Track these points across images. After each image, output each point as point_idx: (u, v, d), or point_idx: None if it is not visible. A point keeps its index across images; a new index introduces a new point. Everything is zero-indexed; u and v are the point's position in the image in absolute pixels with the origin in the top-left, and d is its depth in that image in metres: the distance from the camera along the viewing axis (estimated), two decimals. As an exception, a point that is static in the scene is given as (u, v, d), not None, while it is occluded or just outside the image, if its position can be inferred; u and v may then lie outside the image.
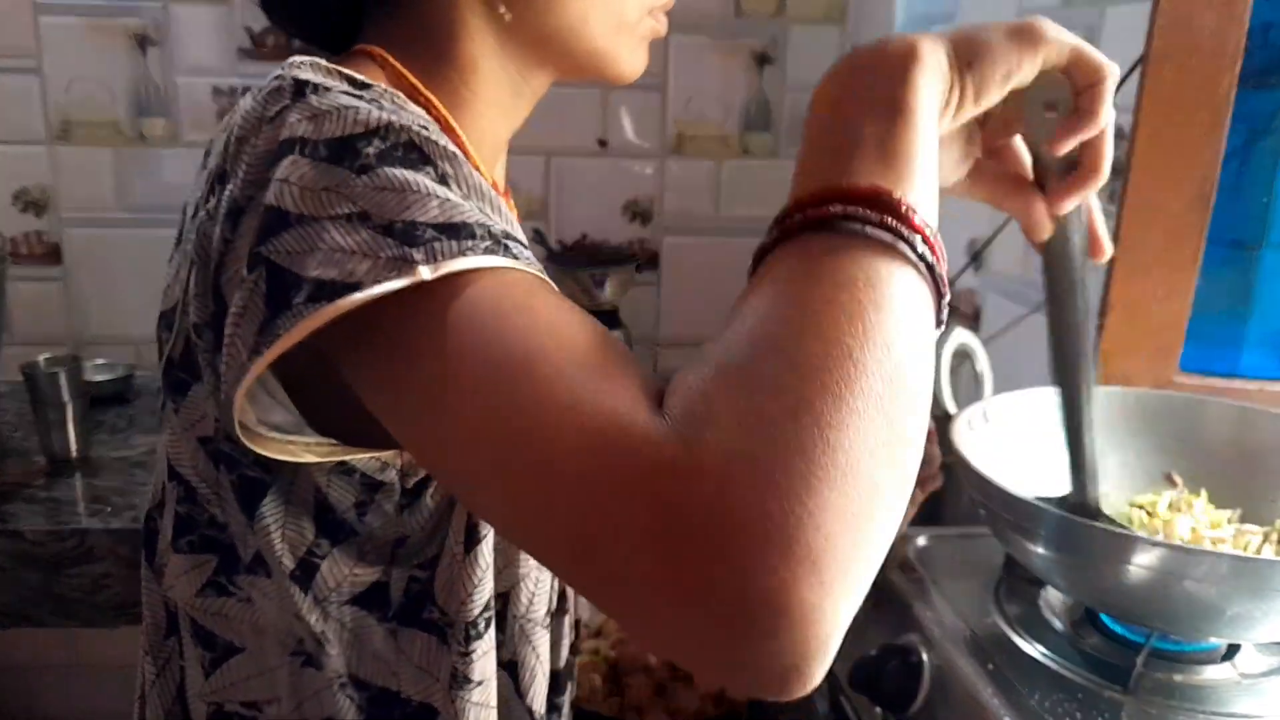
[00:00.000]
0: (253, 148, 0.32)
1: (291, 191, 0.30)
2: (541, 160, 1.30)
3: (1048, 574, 0.50)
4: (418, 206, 0.29)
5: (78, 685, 1.30)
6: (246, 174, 0.32)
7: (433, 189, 0.30)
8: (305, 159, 0.30)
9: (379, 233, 0.29)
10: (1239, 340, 0.74)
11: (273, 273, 0.29)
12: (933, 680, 0.49)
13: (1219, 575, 0.42)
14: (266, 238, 0.30)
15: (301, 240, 0.29)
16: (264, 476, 0.36)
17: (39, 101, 1.20)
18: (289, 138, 0.31)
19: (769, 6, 1.26)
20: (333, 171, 0.30)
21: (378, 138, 0.31)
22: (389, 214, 0.29)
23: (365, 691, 0.39)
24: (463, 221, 0.29)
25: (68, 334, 1.25)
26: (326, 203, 0.29)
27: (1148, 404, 0.61)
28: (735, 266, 1.53)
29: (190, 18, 1.20)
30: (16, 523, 0.87)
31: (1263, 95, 0.70)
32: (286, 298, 0.29)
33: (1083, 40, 0.36)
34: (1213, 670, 0.49)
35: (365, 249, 0.28)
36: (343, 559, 0.36)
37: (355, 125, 0.31)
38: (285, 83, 0.33)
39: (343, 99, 0.32)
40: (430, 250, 0.28)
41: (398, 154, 0.30)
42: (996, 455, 0.53)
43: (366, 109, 0.31)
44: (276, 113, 0.32)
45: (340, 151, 0.30)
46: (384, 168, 0.30)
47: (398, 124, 0.31)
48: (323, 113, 0.31)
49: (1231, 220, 0.71)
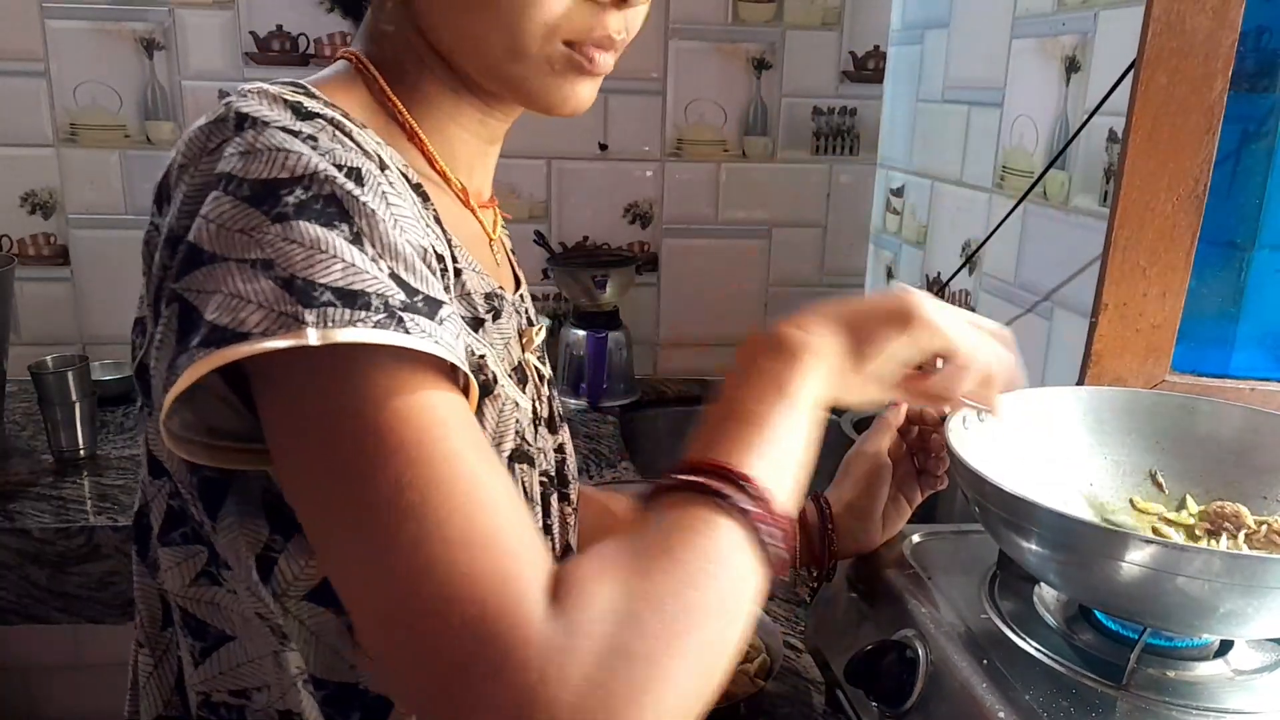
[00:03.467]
0: (191, 177, 0.33)
1: (209, 229, 0.31)
2: (543, 164, 1.31)
3: (1041, 571, 0.50)
4: (321, 266, 0.30)
5: (81, 684, 1.31)
6: (183, 204, 0.33)
7: (341, 249, 0.31)
8: (228, 197, 0.31)
9: (278, 285, 0.30)
10: (1231, 340, 0.74)
11: (183, 309, 0.31)
12: (928, 675, 0.49)
13: (1212, 572, 0.42)
14: (182, 273, 0.31)
15: (209, 279, 0.30)
16: (221, 477, 0.36)
17: (46, 104, 1.21)
18: (220, 172, 0.32)
19: (766, 13, 1.27)
20: (249, 215, 0.31)
21: (300, 186, 0.31)
22: (292, 268, 0.30)
23: (324, 689, 0.39)
24: (361, 290, 0.30)
25: (75, 334, 1.26)
26: (237, 245, 0.30)
27: (1140, 403, 0.61)
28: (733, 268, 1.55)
29: (196, 22, 1.21)
30: (24, 520, 0.88)
31: (1255, 98, 0.71)
32: (187, 339, 0.30)
33: (959, 327, 0.43)
34: (1205, 666, 0.49)
35: (261, 299, 0.29)
36: (296, 553, 0.37)
37: (281, 170, 0.31)
38: (229, 114, 0.34)
39: (278, 138, 0.32)
40: (322, 314, 0.29)
41: (316, 206, 0.31)
42: (990, 453, 0.53)
43: (298, 153, 0.32)
44: (216, 145, 0.33)
45: (261, 195, 0.31)
46: (299, 220, 0.31)
47: (323, 174, 0.32)
48: (254, 151, 0.32)
49: (1224, 222, 0.72)
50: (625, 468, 1.09)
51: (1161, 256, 0.69)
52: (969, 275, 1.07)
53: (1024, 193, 0.92)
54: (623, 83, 1.27)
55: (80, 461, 1.00)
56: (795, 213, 1.37)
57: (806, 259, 1.39)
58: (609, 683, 0.27)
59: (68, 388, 0.98)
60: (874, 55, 1.31)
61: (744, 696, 0.63)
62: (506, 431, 0.41)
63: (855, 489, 0.60)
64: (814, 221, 1.37)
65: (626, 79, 1.27)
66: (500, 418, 0.41)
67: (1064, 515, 0.46)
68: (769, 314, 1.40)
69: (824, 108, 1.32)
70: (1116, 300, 0.70)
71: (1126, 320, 0.70)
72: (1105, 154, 0.81)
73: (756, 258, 1.37)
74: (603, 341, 1.25)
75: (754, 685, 0.65)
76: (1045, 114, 0.92)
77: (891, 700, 0.50)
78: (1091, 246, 0.79)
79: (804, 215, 1.37)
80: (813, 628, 0.68)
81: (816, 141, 1.34)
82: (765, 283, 1.39)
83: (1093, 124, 0.82)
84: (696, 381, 1.39)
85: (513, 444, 0.42)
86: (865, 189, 1.37)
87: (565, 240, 1.35)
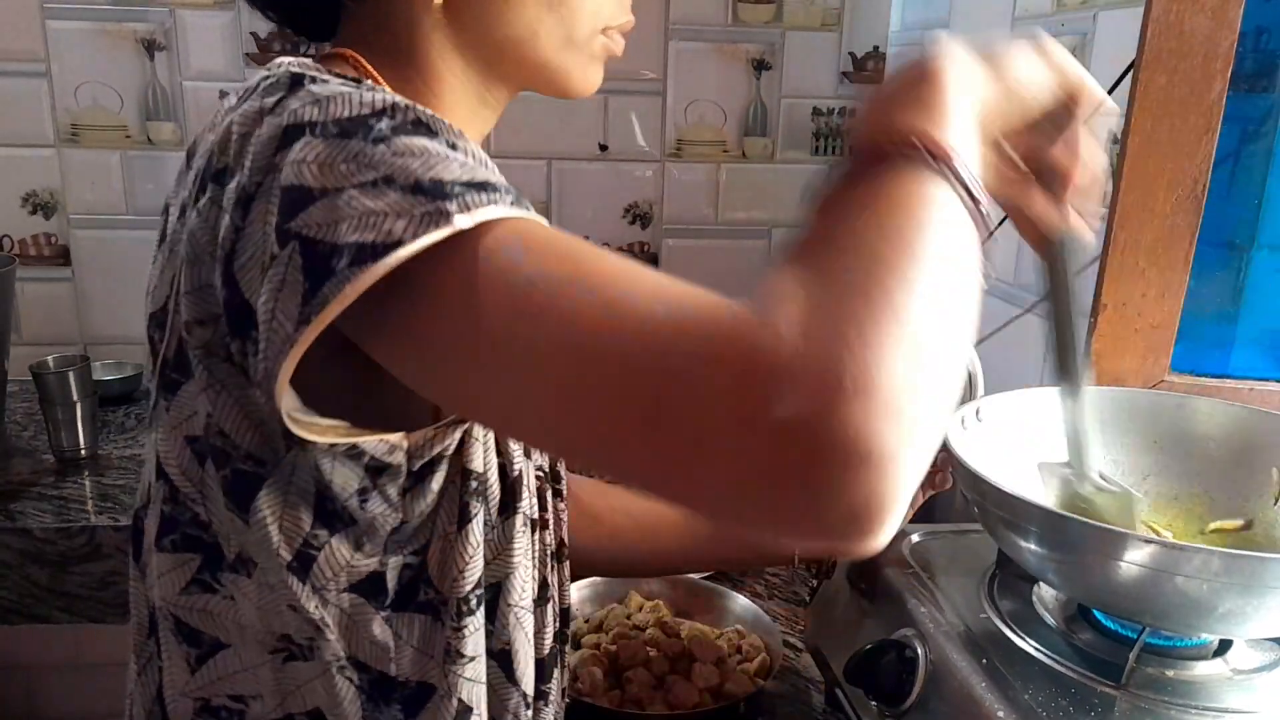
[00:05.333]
0: (257, 138, 0.33)
1: (310, 169, 0.31)
2: (543, 165, 1.31)
3: (1040, 570, 0.50)
4: (441, 166, 0.30)
5: (82, 684, 1.31)
6: (253, 162, 0.32)
7: (449, 153, 0.31)
8: (318, 139, 0.31)
9: (408, 192, 0.30)
10: (1230, 340, 0.74)
11: (306, 246, 0.30)
12: (927, 675, 0.49)
13: (1211, 571, 0.42)
14: (293, 214, 0.30)
15: (330, 211, 0.30)
16: (258, 470, 0.36)
17: (48, 105, 1.21)
18: (295, 123, 0.32)
19: (766, 14, 1.28)
20: (348, 145, 0.31)
21: (386, 116, 0.32)
22: (414, 175, 0.30)
23: (366, 674, 0.39)
24: (485, 180, 0.31)
25: (76, 334, 1.26)
26: (348, 173, 0.30)
27: (1139, 403, 0.61)
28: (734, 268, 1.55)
29: (197, 23, 1.21)
30: (25, 520, 0.88)
31: (1254, 99, 0.71)
32: (328, 266, 0.29)
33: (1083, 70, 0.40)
34: (1205, 666, 0.49)
35: (398, 209, 0.29)
36: (340, 548, 0.37)
37: (362, 106, 0.32)
38: (280, 76, 0.34)
39: (342, 88, 0.33)
40: (463, 201, 0.29)
41: (409, 127, 0.31)
42: (989, 453, 0.53)
43: (368, 93, 0.32)
44: (276, 102, 0.33)
45: (352, 128, 0.31)
46: (399, 137, 0.31)
47: (402, 103, 0.32)
48: (326, 98, 0.32)
49: (1223, 222, 0.72)
50: (625, 468, 1.08)
51: (1160, 256, 0.69)
52: (969, 275, 1.07)
53: (1023, 193, 0.92)
54: (623, 83, 1.27)
55: (81, 461, 1.00)
56: (795, 213, 1.37)
57: (806, 259, 1.39)
58: (835, 314, 0.26)
59: (69, 388, 0.98)
60: (874, 56, 1.31)
61: (744, 696, 0.63)
62: None
63: None
64: (814, 222, 1.37)
65: (626, 79, 1.27)
66: None
67: (1063, 515, 0.46)
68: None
69: (824, 108, 1.32)
70: (1115, 300, 0.70)
71: (1125, 320, 0.70)
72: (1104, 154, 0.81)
73: (757, 258, 1.37)
74: (603, 342, 1.25)
75: (754, 685, 0.65)
76: (1045, 114, 0.92)
77: (891, 699, 0.51)
78: (1091, 247, 0.79)
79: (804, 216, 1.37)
80: (812, 627, 0.68)
81: (816, 142, 1.34)
82: (765, 283, 1.39)
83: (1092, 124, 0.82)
84: (696, 382, 1.39)
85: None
86: (865, 189, 1.37)
87: (565, 240, 1.35)
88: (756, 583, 0.85)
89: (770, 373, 0.26)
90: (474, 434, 0.38)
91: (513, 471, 0.41)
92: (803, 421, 0.25)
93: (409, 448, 0.37)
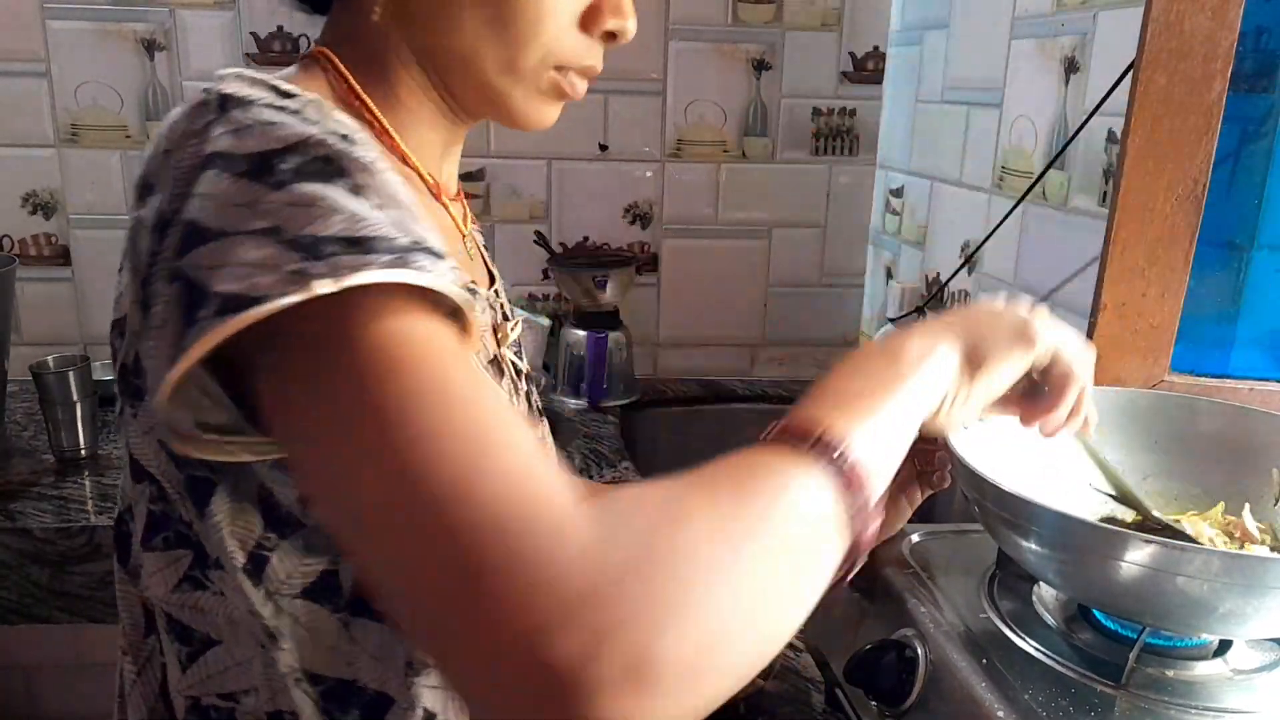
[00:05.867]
0: (178, 161, 0.33)
1: (209, 207, 0.31)
2: (544, 165, 1.31)
3: (1040, 570, 0.50)
4: (323, 221, 0.30)
5: (82, 684, 1.31)
6: (174, 188, 0.33)
7: (342, 203, 0.31)
8: (225, 175, 0.31)
9: (286, 247, 0.29)
10: (1230, 340, 0.74)
11: (187, 287, 0.30)
12: (927, 674, 0.49)
13: (1211, 571, 0.42)
14: (185, 251, 0.31)
15: (216, 254, 0.30)
16: (210, 475, 0.36)
17: (47, 105, 1.21)
18: (211, 153, 0.32)
19: (766, 14, 1.28)
20: (249, 187, 0.31)
21: (294, 153, 0.31)
22: (297, 229, 0.30)
23: (320, 685, 0.39)
24: (367, 236, 0.30)
25: (76, 334, 1.26)
26: (240, 219, 0.30)
27: (1139, 403, 0.61)
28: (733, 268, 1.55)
29: (197, 23, 1.21)
30: (25, 520, 0.88)
31: (1254, 99, 0.71)
32: (195, 314, 0.30)
33: (1066, 339, 0.45)
34: (1205, 666, 0.49)
35: (271, 263, 0.29)
36: (291, 551, 0.37)
37: (274, 141, 0.32)
38: (211, 97, 0.34)
39: (265, 113, 0.33)
40: (332, 264, 0.29)
41: (313, 168, 0.31)
42: (989, 453, 0.53)
43: (287, 123, 0.32)
44: (202, 126, 0.33)
45: (258, 167, 0.31)
46: (297, 183, 0.31)
47: (315, 138, 0.32)
48: (244, 128, 0.32)
49: (1223, 222, 0.72)
50: (625, 468, 1.09)
51: (1160, 257, 0.69)
52: (968, 275, 1.07)
53: (1023, 193, 0.92)
54: (623, 83, 1.27)
55: (81, 461, 1.00)
56: (795, 213, 1.37)
57: (806, 259, 1.39)
58: (645, 583, 0.25)
59: (69, 388, 0.98)
60: (873, 56, 1.31)
61: (743, 696, 0.63)
62: None
63: None
64: (814, 222, 1.37)
65: (626, 79, 1.27)
66: None
67: (1063, 515, 0.46)
68: (769, 314, 1.41)
69: (823, 108, 1.32)
70: (1115, 300, 0.70)
71: (1125, 320, 0.70)
72: (1104, 154, 0.81)
73: (756, 258, 1.38)
74: (603, 341, 1.25)
75: (753, 685, 0.65)
76: (1044, 114, 0.92)
77: (891, 699, 0.51)
78: (1091, 247, 0.79)
79: (804, 216, 1.37)
80: (812, 627, 0.68)
81: (816, 142, 1.34)
82: (765, 283, 1.39)
83: (1092, 124, 0.82)
84: (696, 381, 1.39)
85: None
86: (865, 189, 1.37)
87: (565, 240, 1.35)
88: (756, 583, 0.84)
89: (558, 611, 0.24)
90: None
91: None
92: (560, 672, 0.24)
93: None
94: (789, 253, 1.38)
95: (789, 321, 1.41)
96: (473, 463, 0.27)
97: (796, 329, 1.41)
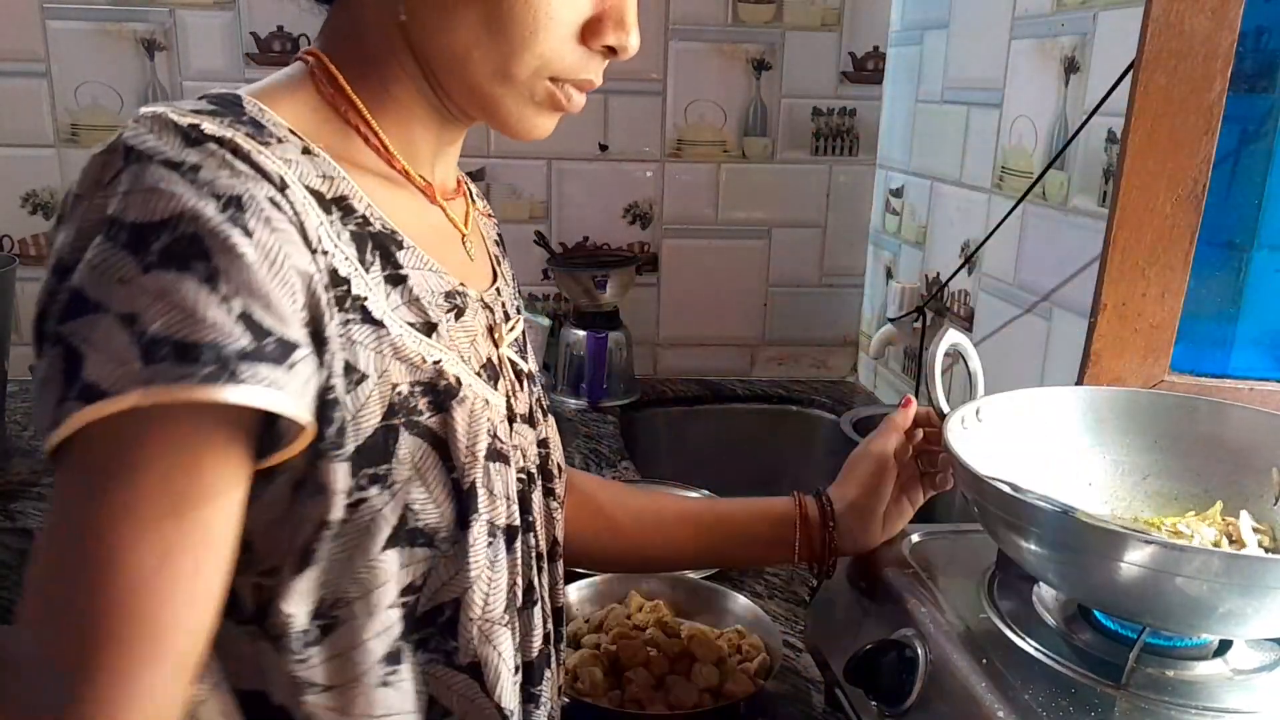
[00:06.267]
0: (85, 213, 0.34)
1: (95, 276, 0.32)
2: (544, 165, 1.31)
3: (1040, 570, 0.50)
4: (164, 319, 0.32)
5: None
6: (75, 239, 0.34)
7: (189, 299, 0.32)
8: (110, 244, 0.32)
9: (133, 341, 0.31)
10: (1230, 340, 0.74)
11: (67, 353, 0.32)
12: (927, 675, 0.49)
13: (1211, 572, 0.42)
14: (67, 318, 0.33)
15: (90, 329, 0.32)
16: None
17: (47, 105, 1.21)
18: (103, 216, 0.33)
19: (766, 14, 1.28)
20: (126, 262, 0.32)
21: (166, 230, 0.32)
22: (146, 322, 0.31)
23: (237, 694, 0.40)
24: (196, 341, 0.32)
25: (74, 335, 1.26)
26: (114, 297, 0.32)
27: (1139, 403, 0.61)
28: (733, 268, 1.55)
29: (197, 23, 1.21)
30: (25, 520, 0.88)
31: (1254, 99, 0.71)
32: (70, 387, 0.32)
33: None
34: (1205, 666, 0.49)
35: (120, 358, 0.31)
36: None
37: (152, 213, 0.32)
38: (119, 144, 0.34)
39: (155, 174, 0.33)
40: (155, 371, 0.31)
41: (177, 249, 0.32)
42: (988, 453, 0.53)
43: (171, 191, 0.33)
44: (109, 179, 0.34)
45: (135, 240, 0.32)
46: (160, 269, 0.32)
47: (189, 212, 0.32)
48: (133, 191, 0.33)
49: (1223, 222, 0.72)
50: (625, 467, 1.09)
51: (1161, 257, 0.69)
52: (968, 275, 1.07)
53: (1023, 193, 0.92)
54: (623, 83, 1.28)
55: (81, 461, 1.00)
56: (795, 213, 1.37)
57: (806, 259, 1.39)
58: None
59: (68, 388, 0.97)
60: (873, 56, 1.31)
61: (744, 696, 0.63)
62: (479, 432, 0.41)
63: (859, 488, 0.60)
64: (814, 222, 1.38)
65: (626, 79, 1.27)
66: (471, 419, 0.41)
67: (1063, 515, 0.46)
68: (769, 314, 1.41)
69: (824, 108, 1.32)
70: (1115, 300, 0.70)
71: (1125, 320, 0.70)
72: (1104, 154, 0.81)
73: (756, 258, 1.38)
74: (603, 341, 1.25)
75: (754, 685, 0.65)
76: (1044, 114, 0.92)
77: (891, 700, 0.51)
78: (1091, 247, 0.79)
79: (804, 215, 1.37)
80: (812, 627, 0.68)
81: (816, 142, 1.34)
82: (765, 283, 1.39)
83: (1092, 124, 0.82)
84: (696, 381, 1.39)
85: (486, 443, 0.42)
86: (865, 189, 1.37)
87: (565, 240, 1.35)
88: (756, 583, 0.85)
89: None
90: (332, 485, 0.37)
91: (465, 483, 0.40)
92: None
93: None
94: (789, 253, 1.38)
95: (789, 321, 1.41)
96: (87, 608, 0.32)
97: (796, 329, 1.41)
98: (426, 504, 0.39)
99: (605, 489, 0.65)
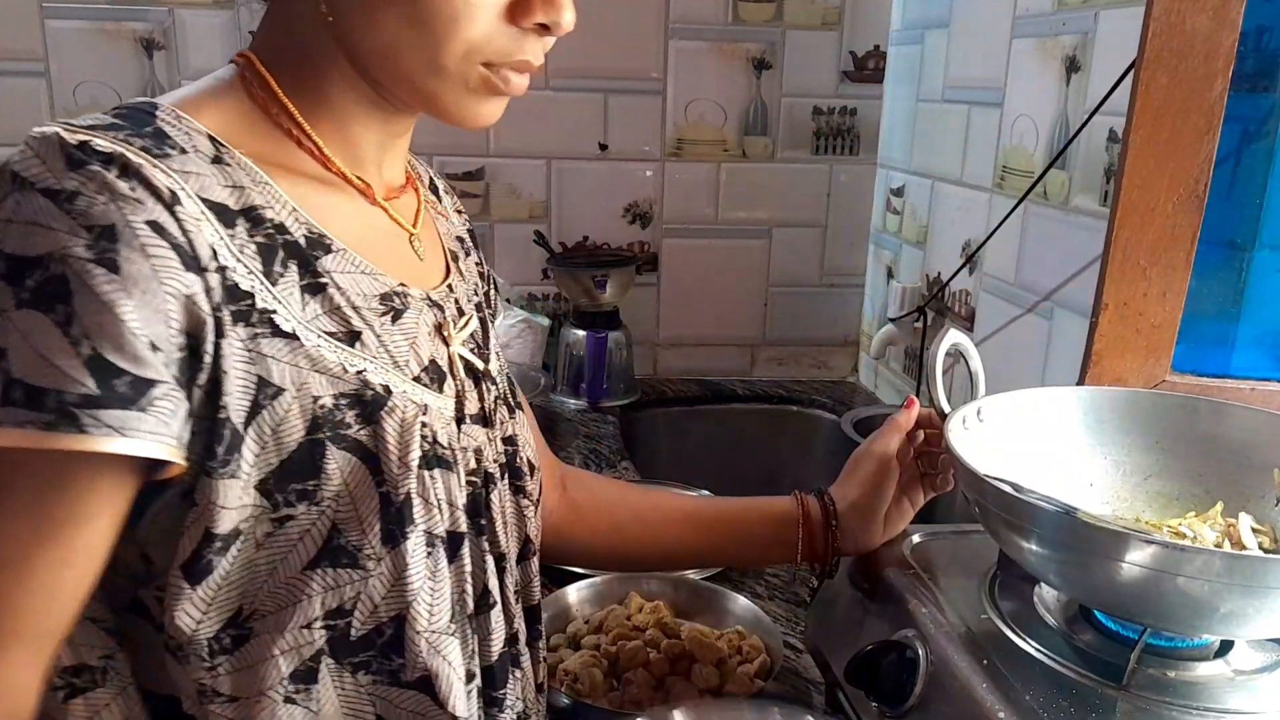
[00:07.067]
0: None
1: None
2: (543, 164, 1.31)
3: (1041, 571, 0.50)
4: (21, 362, 0.32)
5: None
6: None
7: (44, 343, 0.32)
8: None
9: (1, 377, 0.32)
10: (1231, 340, 0.74)
11: None
12: (928, 675, 0.49)
13: (1212, 572, 0.42)
14: None
15: None
16: None
17: (46, 104, 1.21)
18: None
19: (766, 13, 1.27)
20: (4, 293, 0.33)
21: (38, 268, 0.33)
22: (8, 361, 0.32)
23: (150, 700, 0.40)
24: (43, 387, 0.32)
25: (73, 335, 1.26)
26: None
27: (1140, 403, 0.61)
28: (733, 268, 1.55)
29: (196, 22, 1.21)
30: None
31: (1255, 99, 0.71)
32: None
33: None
34: (1206, 666, 0.49)
35: None
36: (114, 565, 0.38)
37: (26, 248, 0.33)
38: (6, 170, 0.34)
39: (35, 205, 0.33)
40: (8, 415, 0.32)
41: (47, 290, 0.33)
42: (989, 453, 0.53)
43: (45, 227, 0.33)
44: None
45: (13, 272, 0.33)
46: (29, 307, 0.33)
47: (59, 251, 0.33)
48: (14, 223, 0.33)
49: (1224, 222, 0.72)
50: (625, 468, 1.09)
51: (1162, 256, 0.69)
52: (969, 275, 1.07)
53: (1024, 193, 0.92)
54: (623, 82, 1.27)
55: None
56: (795, 213, 1.37)
57: (806, 259, 1.39)
58: None
59: (68, 388, 0.97)
60: (874, 55, 1.31)
61: (744, 697, 0.63)
62: (411, 441, 0.40)
63: (861, 488, 0.60)
64: (814, 221, 1.37)
65: (626, 79, 1.27)
66: (403, 428, 0.40)
67: (1064, 515, 0.46)
68: (769, 314, 1.41)
69: (824, 108, 1.32)
70: (1117, 300, 0.70)
71: (1127, 320, 0.70)
72: (1105, 154, 0.81)
73: (756, 258, 1.37)
74: (603, 341, 1.25)
75: (754, 685, 0.65)
76: (1045, 114, 0.92)
77: (891, 700, 0.50)
78: (1092, 246, 0.79)
79: (804, 215, 1.37)
80: (813, 628, 0.68)
81: (816, 141, 1.34)
82: (765, 283, 1.39)
83: (1093, 124, 0.82)
84: (696, 381, 1.39)
85: (420, 451, 0.41)
86: (865, 189, 1.37)
87: (565, 240, 1.35)
88: (757, 583, 0.84)
89: None
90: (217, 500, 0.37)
91: (398, 496, 0.40)
92: None
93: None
94: (789, 252, 1.38)
95: (789, 321, 1.41)
96: None
97: (796, 329, 1.41)
98: (353, 522, 0.39)
99: (607, 487, 0.65)
